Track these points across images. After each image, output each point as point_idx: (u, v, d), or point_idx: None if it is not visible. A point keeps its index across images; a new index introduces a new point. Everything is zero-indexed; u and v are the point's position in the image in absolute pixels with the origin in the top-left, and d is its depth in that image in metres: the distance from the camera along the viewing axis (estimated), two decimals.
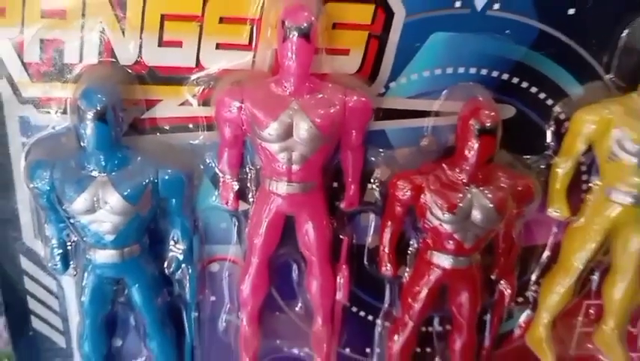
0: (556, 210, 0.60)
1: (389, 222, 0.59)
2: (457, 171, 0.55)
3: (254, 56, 0.54)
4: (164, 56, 0.54)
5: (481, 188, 0.54)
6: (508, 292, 0.63)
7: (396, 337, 0.64)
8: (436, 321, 0.67)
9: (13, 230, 0.59)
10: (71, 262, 0.59)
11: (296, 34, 0.49)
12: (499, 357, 0.69)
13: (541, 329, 0.65)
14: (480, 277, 0.61)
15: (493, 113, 0.53)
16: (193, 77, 0.55)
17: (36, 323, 0.63)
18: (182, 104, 0.55)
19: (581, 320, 0.68)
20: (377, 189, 0.60)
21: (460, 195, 0.54)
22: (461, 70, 0.56)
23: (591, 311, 0.68)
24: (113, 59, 0.54)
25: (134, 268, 0.56)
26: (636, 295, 0.64)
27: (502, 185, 0.55)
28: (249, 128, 0.52)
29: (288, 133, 0.51)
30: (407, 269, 0.62)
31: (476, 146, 0.52)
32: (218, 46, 0.54)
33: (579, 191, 0.61)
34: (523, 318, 0.67)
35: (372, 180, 0.59)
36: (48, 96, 0.54)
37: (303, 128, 0.50)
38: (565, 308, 0.65)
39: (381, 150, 0.59)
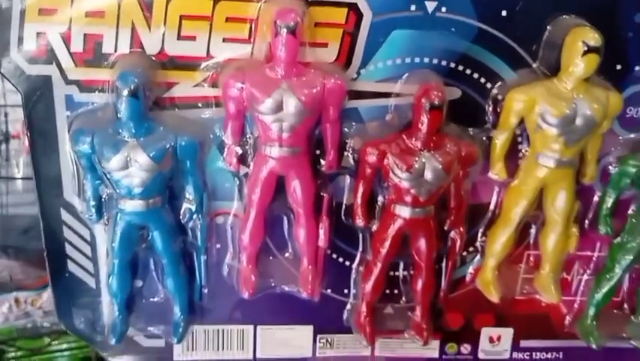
0: (496, 174, 0.69)
1: (361, 182, 0.68)
2: (414, 139, 0.65)
3: (252, 48, 0.63)
4: (182, 47, 0.63)
5: (432, 152, 0.65)
6: (458, 240, 0.72)
7: (367, 278, 0.72)
8: (401, 267, 0.75)
9: (55, 187, 0.67)
10: (104, 215, 0.68)
11: (285, 31, 0.58)
12: (456, 298, 0.77)
13: (489, 273, 0.74)
14: (435, 226, 0.70)
15: (440, 93, 0.63)
16: (204, 64, 0.64)
17: (71, 267, 0.72)
18: (196, 85, 0.64)
19: (523, 268, 0.77)
20: (351, 155, 0.68)
21: (416, 158, 0.65)
22: (417, 60, 0.65)
23: (531, 260, 0.76)
24: (141, 50, 0.63)
25: (157, 216, 0.66)
26: (566, 243, 0.73)
27: (449, 150, 0.65)
28: (248, 104, 0.62)
29: (279, 107, 0.61)
30: (376, 221, 0.71)
31: (427, 119, 0.63)
32: (224, 40, 0.63)
33: (516, 157, 0.70)
34: (473, 265, 0.76)
35: (347, 148, 0.68)
36: (89, 79, 0.63)
37: (291, 104, 0.61)
38: (507, 254, 0.73)
39: (354, 123, 0.68)
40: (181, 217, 0.69)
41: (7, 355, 1.21)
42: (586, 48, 0.62)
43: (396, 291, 0.77)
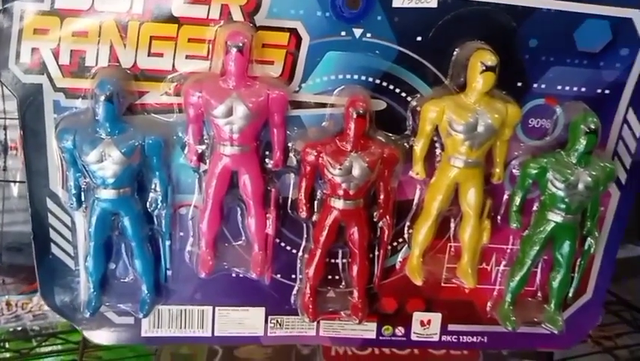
0: (417, 173, 0.79)
1: (303, 179, 0.77)
2: (344, 142, 0.76)
3: (210, 64, 0.73)
4: (151, 62, 0.73)
5: (359, 153, 0.75)
6: (387, 230, 0.82)
7: (310, 263, 0.81)
8: (340, 255, 0.85)
9: (43, 179, 0.76)
10: (83, 203, 0.77)
11: (234, 49, 0.69)
12: (389, 284, 0.87)
13: (414, 260, 0.83)
14: (366, 217, 0.80)
15: (364, 104, 0.73)
16: (169, 76, 0.74)
17: (54, 249, 0.80)
18: (162, 94, 0.74)
19: (446, 258, 0.87)
20: (294, 156, 0.78)
21: (345, 157, 0.75)
22: (348, 76, 0.75)
23: (452, 251, 0.86)
24: (118, 64, 0.72)
25: (127, 204, 0.75)
26: (480, 235, 0.82)
27: (374, 152, 0.75)
28: (205, 109, 0.72)
29: (229, 113, 0.71)
30: (316, 213, 0.81)
31: (354, 125, 0.74)
32: (187, 56, 0.73)
33: (433, 159, 0.80)
34: (403, 254, 0.85)
35: (291, 150, 0.78)
36: (73, 87, 0.73)
37: (239, 110, 0.72)
38: (430, 244, 0.82)
39: (297, 129, 0.77)
40: (148, 206, 0.78)
41: None
42: (484, 67, 0.74)
43: (337, 277, 0.87)
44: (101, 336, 0.88)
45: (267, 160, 0.79)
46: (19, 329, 1.25)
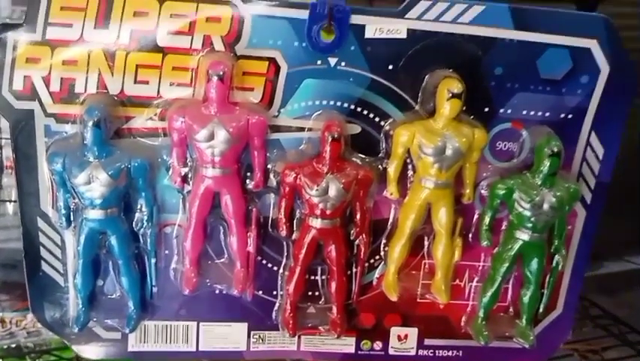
0: (391, 194, 0.82)
1: (283, 199, 0.80)
2: (321, 164, 0.79)
3: (193, 90, 0.77)
4: (138, 89, 0.76)
5: (335, 174, 0.79)
6: (363, 247, 0.85)
7: (290, 280, 0.84)
8: (319, 272, 0.88)
9: (34, 199, 0.79)
10: (72, 223, 0.80)
11: (215, 78, 0.72)
12: (367, 300, 0.89)
13: (390, 277, 0.86)
14: (343, 235, 0.83)
15: (339, 128, 0.77)
16: (155, 102, 0.77)
17: (44, 267, 0.82)
18: (148, 119, 0.78)
19: (421, 275, 0.89)
20: (274, 177, 0.82)
21: (322, 179, 0.79)
22: (324, 102, 0.79)
23: (427, 268, 0.89)
24: (106, 91, 0.76)
25: (113, 224, 0.78)
26: (452, 253, 0.86)
27: (349, 173, 0.79)
28: (188, 134, 0.75)
29: (211, 137, 0.74)
30: (296, 232, 0.84)
31: (329, 148, 0.78)
32: (171, 84, 0.76)
33: (406, 180, 0.84)
34: (379, 271, 0.88)
35: (271, 171, 0.81)
36: (63, 112, 0.76)
37: (220, 134, 0.75)
38: (404, 261, 0.85)
39: (276, 151, 0.80)
40: (134, 226, 0.81)
41: None
42: (450, 95, 0.78)
43: (316, 293, 0.89)
44: (89, 351, 0.91)
45: (247, 181, 0.82)
46: (13, 346, 1.26)
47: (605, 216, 0.91)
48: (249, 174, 0.82)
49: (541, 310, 0.92)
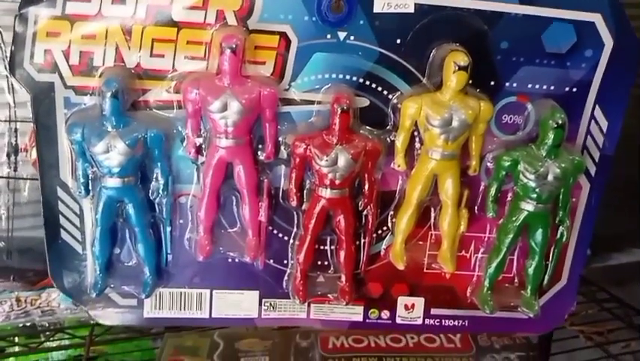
0: (398, 165, 0.84)
1: (293, 170, 0.82)
2: (331, 135, 0.82)
3: (207, 64, 0.78)
4: (154, 62, 0.78)
5: (344, 146, 0.81)
6: (371, 217, 0.86)
7: (300, 249, 0.86)
8: (328, 242, 0.90)
9: (54, 170, 0.81)
10: (91, 191, 0.83)
11: (228, 50, 0.74)
12: (375, 270, 0.91)
13: (397, 247, 0.88)
14: (351, 205, 0.85)
15: (348, 100, 0.79)
16: (170, 75, 0.79)
17: (64, 235, 0.85)
18: (164, 92, 0.79)
19: (428, 245, 0.91)
20: (285, 149, 0.84)
21: (331, 149, 0.81)
22: (334, 76, 0.80)
23: (433, 238, 0.91)
24: (123, 64, 0.78)
25: (130, 192, 0.80)
26: (458, 223, 0.88)
27: (357, 145, 0.81)
28: (202, 105, 0.77)
29: (224, 108, 0.76)
30: (306, 203, 0.87)
31: (338, 120, 0.80)
32: (185, 57, 0.78)
33: (414, 152, 0.86)
34: (386, 242, 0.90)
35: (281, 143, 0.84)
36: (83, 85, 0.78)
37: (233, 105, 0.78)
38: (411, 231, 0.88)
39: (287, 123, 0.82)
40: (150, 195, 0.83)
41: (7, 351, 1.33)
42: (457, 67, 0.80)
43: (326, 263, 0.91)
44: (106, 317, 0.94)
45: (259, 153, 0.84)
46: (28, 324, 1.30)
47: (613, 208, 0.92)
48: (260, 146, 0.84)
49: (545, 281, 0.93)
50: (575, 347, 1.34)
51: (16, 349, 1.39)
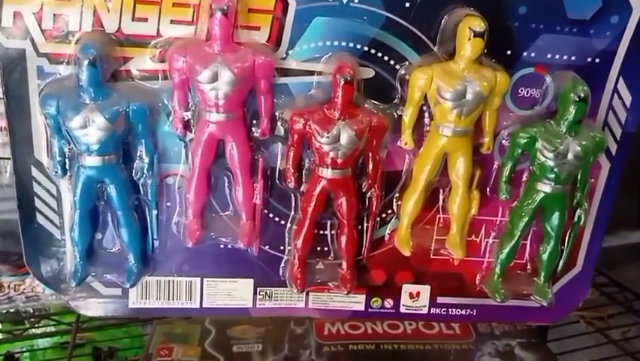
0: (405, 143, 0.79)
1: (291, 148, 0.77)
2: (332, 110, 0.75)
3: (195, 29, 0.73)
4: (136, 27, 0.72)
5: (347, 121, 0.75)
6: (375, 200, 0.81)
7: (298, 234, 0.82)
8: (328, 226, 0.85)
9: (27, 147, 0.76)
10: (68, 171, 0.77)
11: (219, 13, 0.68)
12: (378, 256, 0.87)
13: (403, 231, 0.83)
14: (354, 187, 0.80)
15: (351, 70, 0.73)
16: (154, 41, 0.73)
17: (39, 218, 0.80)
18: (148, 60, 0.74)
19: (435, 230, 0.86)
20: (282, 125, 0.78)
21: (333, 125, 0.75)
22: (335, 43, 0.74)
23: (442, 222, 0.86)
24: (102, 29, 0.72)
25: (112, 172, 0.75)
26: (468, 206, 0.82)
27: (362, 120, 0.75)
28: (189, 75, 0.72)
29: (214, 78, 0.71)
30: (304, 184, 0.81)
31: (341, 92, 0.73)
32: (172, 21, 0.72)
33: (423, 129, 0.80)
34: (391, 226, 0.85)
35: (277, 118, 0.78)
36: (57, 52, 0.72)
37: (224, 75, 0.71)
38: (418, 214, 0.82)
39: (283, 97, 0.76)
40: (134, 175, 0.78)
41: None
42: (472, 33, 0.73)
43: (325, 248, 0.86)
44: (87, 307, 0.88)
45: (254, 129, 0.78)
46: (12, 310, 1.26)
47: None
48: (255, 121, 0.78)
49: (560, 267, 0.88)
50: (574, 332, 1.30)
51: (0, 336, 1.34)
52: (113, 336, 1.41)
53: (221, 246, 0.85)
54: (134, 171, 0.78)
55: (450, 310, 0.94)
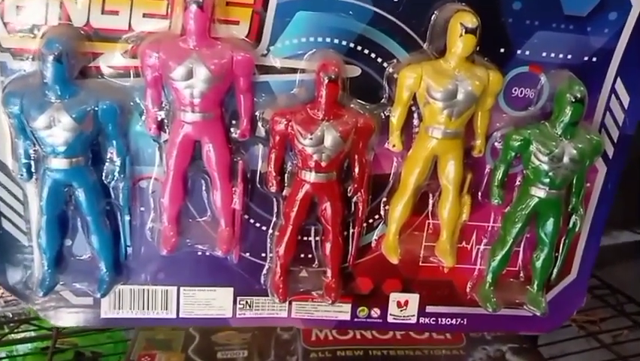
0: (393, 145, 0.75)
1: (272, 150, 0.74)
2: (316, 110, 0.72)
3: (170, 23, 0.69)
4: (106, 20, 0.69)
5: (331, 122, 0.71)
6: (361, 205, 0.78)
7: (280, 241, 0.78)
8: (312, 233, 0.81)
9: None
10: (34, 174, 0.72)
11: (194, 5, 0.65)
12: (364, 263, 0.83)
13: (390, 238, 0.80)
14: (339, 191, 0.76)
15: (336, 68, 0.69)
16: (125, 36, 0.70)
17: (5, 224, 0.76)
18: (119, 56, 0.70)
19: (425, 236, 0.83)
20: (263, 125, 0.74)
21: (317, 126, 0.71)
22: (320, 39, 0.71)
23: (431, 228, 0.82)
24: (69, 22, 0.68)
25: (80, 175, 0.71)
26: (459, 211, 0.79)
27: (347, 121, 0.72)
28: (163, 72, 0.68)
29: (189, 75, 0.67)
30: (287, 188, 0.77)
31: (325, 91, 0.70)
32: (144, 15, 0.69)
33: (412, 131, 0.77)
34: (378, 232, 0.82)
35: (257, 118, 0.74)
36: (21, 47, 0.68)
37: (200, 72, 0.67)
38: (406, 220, 0.79)
39: (264, 95, 0.73)
40: (104, 178, 0.74)
41: None
42: (464, 30, 0.70)
43: (309, 255, 0.83)
44: (57, 317, 0.83)
45: (232, 129, 0.75)
46: None
47: None
48: (234, 121, 0.75)
49: (554, 275, 0.85)
50: (566, 336, 1.28)
51: None
52: (96, 341, 1.37)
53: (199, 253, 0.81)
54: (104, 174, 0.74)
55: (440, 319, 0.90)
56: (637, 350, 1.18)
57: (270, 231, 0.81)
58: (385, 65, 0.74)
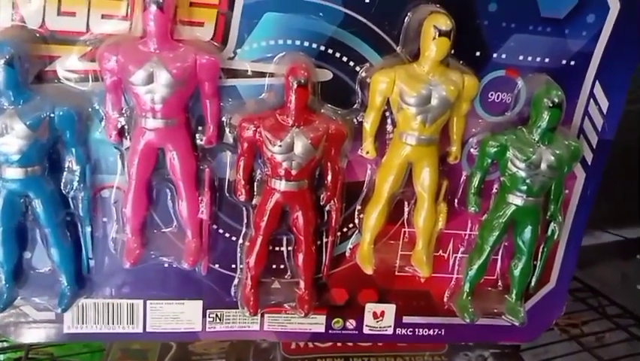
0: (367, 152, 0.74)
1: (241, 158, 0.72)
2: (285, 116, 0.69)
3: (130, 25, 0.67)
4: (62, 22, 0.66)
5: (301, 128, 0.69)
6: (334, 213, 0.76)
7: (251, 252, 0.76)
8: (284, 243, 0.79)
9: None
10: None
11: (154, 5, 0.62)
12: (339, 274, 0.82)
13: (365, 247, 0.78)
14: (311, 200, 0.74)
15: (305, 72, 0.67)
16: (83, 38, 0.67)
17: None
18: (75, 59, 0.67)
19: (400, 245, 0.81)
20: (230, 132, 0.72)
21: (286, 132, 0.69)
22: (289, 42, 0.69)
23: (407, 237, 0.81)
24: (23, 24, 0.66)
25: (36, 185, 0.68)
26: (435, 219, 0.77)
27: (318, 127, 0.70)
28: (122, 76, 0.65)
29: (150, 79, 0.64)
30: (256, 197, 0.75)
31: (294, 96, 0.67)
32: (103, 16, 0.66)
33: (385, 136, 0.75)
34: (352, 241, 0.80)
35: (225, 124, 0.71)
36: None
37: (161, 76, 0.64)
38: (381, 228, 0.77)
39: (230, 100, 0.71)
40: (63, 188, 0.71)
41: None
42: (438, 32, 0.68)
43: (282, 266, 0.81)
44: (18, 333, 0.80)
45: (198, 136, 0.72)
46: None
47: None
48: (200, 128, 0.72)
49: (532, 283, 0.84)
50: (548, 340, 1.27)
51: None
52: (72, 351, 1.33)
53: (166, 265, 0.79)
54: (62, 183, 0.72)
55: (417, 330, 0.88)
56: (619, 353, 1.17)
57: (240, 241, 0.78)
58: (358, 68, 0.72)
